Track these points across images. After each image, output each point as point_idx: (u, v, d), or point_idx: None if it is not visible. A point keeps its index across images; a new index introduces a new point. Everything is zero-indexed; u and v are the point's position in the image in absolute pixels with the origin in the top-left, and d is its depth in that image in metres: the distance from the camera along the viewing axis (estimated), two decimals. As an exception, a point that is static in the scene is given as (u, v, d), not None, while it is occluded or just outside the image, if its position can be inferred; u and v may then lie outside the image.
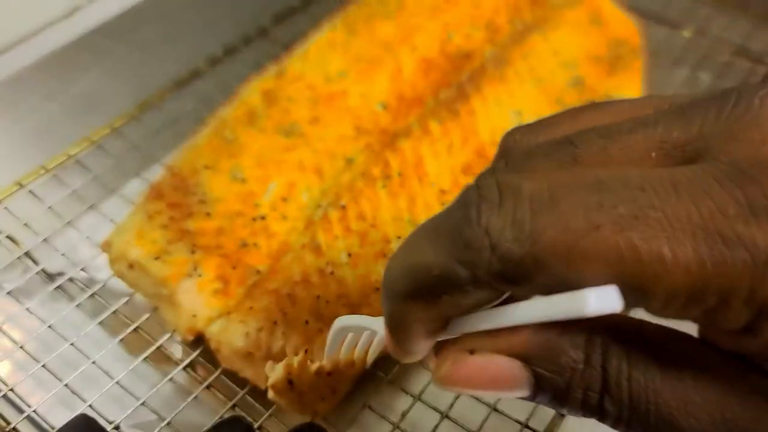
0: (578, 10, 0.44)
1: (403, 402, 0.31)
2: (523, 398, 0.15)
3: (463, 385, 0.16)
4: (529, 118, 0.39)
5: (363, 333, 0.25)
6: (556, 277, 0.13)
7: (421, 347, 0.17)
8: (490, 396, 0.16)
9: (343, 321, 0.25)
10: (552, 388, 0.15)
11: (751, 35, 0.48)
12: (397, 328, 0.16)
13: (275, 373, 0.27)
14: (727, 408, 0.13)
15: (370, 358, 0.27)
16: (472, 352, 0.15)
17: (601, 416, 0.15)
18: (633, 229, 0.12)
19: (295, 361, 0.26)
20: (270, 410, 0.29)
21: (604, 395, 0.14)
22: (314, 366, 0.27)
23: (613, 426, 0.15)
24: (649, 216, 0.12)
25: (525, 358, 0.15)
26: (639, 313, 0.15)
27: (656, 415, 0.14)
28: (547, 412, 0.29)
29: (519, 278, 0.13)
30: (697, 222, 0.12)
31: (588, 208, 0.13)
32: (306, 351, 0.28)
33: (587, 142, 0.14)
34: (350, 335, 0.26)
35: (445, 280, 0.14)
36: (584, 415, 0.15)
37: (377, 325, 0.24)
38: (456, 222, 0.14)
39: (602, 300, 0.13)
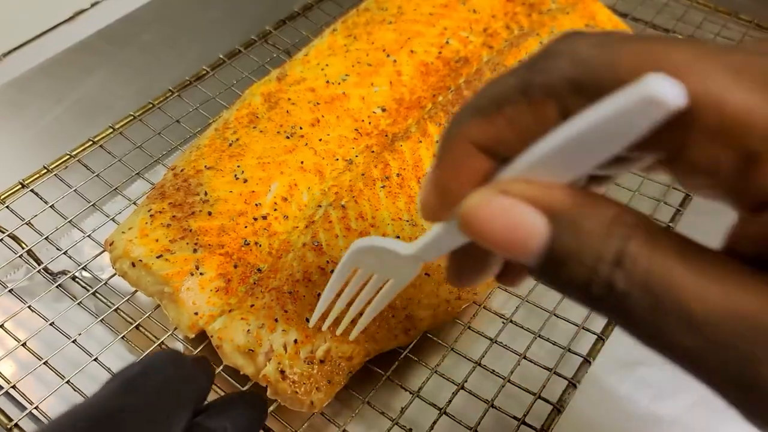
0: (573, 16, 0.45)
1: (401, 398, 0.31)
2: (527, 267, 0.15)
3: (481, 226, 0.15)
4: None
5: (373, 275, 0.24)
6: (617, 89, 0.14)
7: (463, 190, 0.17)
8: (499, 252, 0.16)
9: (361, 243, 0.23)
10: (564, 250, 0.15)
11: (742, 40, 0.49)
12: (444, 146, 0.17)
13: (268, 365, 0.27)
14: (744, 300, 0.13)
15: (379, 304, 0.26)
16: (504, 193, 0.15)
17: (607, 292, 0.14)
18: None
19: (285, 349, 0.27)
20: (271, 407, 0.30)
21: (616, 269, 0.14)
22: (304, 353, 0.27)
23: (610, 310, 0.14)
24: None
25: (550, 212, 0.15)
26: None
27: (670, 299, 0.13)
28: (543, 410, 0.30)
29: (588, 84, 0.14)
30: None
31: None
32: (295, 341, 0.29)
33: None
34: (360, 271, 0.24)
35: (518, 89, 0.16)
36: (584, 295, 0.15)
37: (399, 247, 0.22)
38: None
39: (667, 86, 0.13)
